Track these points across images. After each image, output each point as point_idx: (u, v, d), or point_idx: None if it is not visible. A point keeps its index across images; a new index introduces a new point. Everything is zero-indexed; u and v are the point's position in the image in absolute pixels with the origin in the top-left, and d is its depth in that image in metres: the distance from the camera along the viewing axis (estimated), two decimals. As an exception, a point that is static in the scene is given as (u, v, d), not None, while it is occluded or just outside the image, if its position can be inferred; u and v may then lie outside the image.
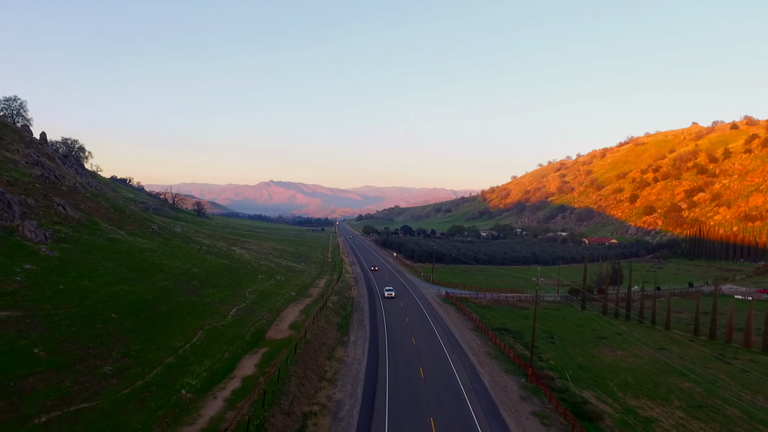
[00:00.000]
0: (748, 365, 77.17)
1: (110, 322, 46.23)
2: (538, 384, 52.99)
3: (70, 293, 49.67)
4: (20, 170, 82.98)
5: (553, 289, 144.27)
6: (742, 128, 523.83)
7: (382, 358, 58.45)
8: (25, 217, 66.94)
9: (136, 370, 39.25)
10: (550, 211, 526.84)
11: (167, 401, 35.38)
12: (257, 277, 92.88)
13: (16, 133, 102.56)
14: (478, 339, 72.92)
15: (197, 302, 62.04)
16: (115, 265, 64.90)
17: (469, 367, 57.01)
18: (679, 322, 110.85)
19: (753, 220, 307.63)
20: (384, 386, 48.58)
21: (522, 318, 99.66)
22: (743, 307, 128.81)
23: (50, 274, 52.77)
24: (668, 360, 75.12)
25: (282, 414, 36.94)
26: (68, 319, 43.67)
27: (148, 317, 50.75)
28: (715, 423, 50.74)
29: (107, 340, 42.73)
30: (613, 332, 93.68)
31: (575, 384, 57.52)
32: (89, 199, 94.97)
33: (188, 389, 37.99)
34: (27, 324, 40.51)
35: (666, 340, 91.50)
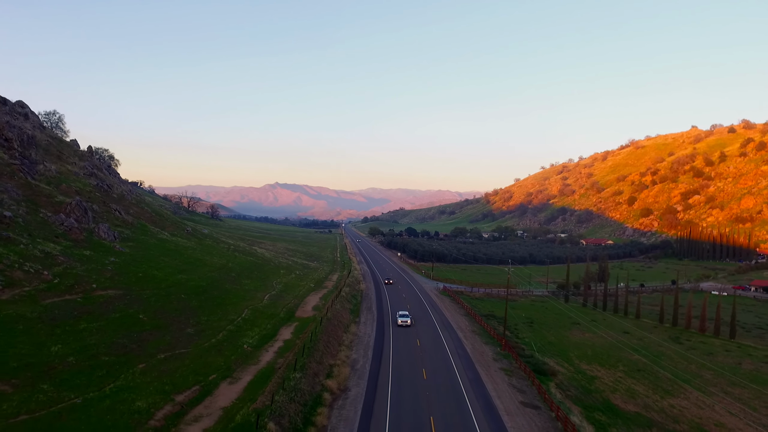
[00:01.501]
0: (697, 345, 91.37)
1: (182, 301, 61.24)
2: (510, 351, 67.50)
3: (148, 279, 64.74)
4: (82, 181, 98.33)
5: (543, 285, 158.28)
6: (740, 132, 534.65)
7: (387, 334, 73.10)
8: (95, 221, 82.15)
9: (208, 332, 54.14)
10: (551, 213, 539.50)
11: (235, 351, 50.23)
12: (279, 271, 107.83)
13: (70, 148, 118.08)
14: (467, 321, 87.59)
15: (238, 289, 77.03)
16: (170, 259, 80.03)
17: (456, 339, 71.68)
18: (651, 312, 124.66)
19: (744, 222, 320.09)
20: (389, 351, 63.21)
21: (510, 308, 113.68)
22: (715, 301, 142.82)
23: (129, 266, 67.86)
24: (627, 341, 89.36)
25: (315, 362, 51.63)
26: (153, 297, 58.68)
27: (207, 298, 65.77)
28: (646, 380, 65.14)
29: (183, 312, 57.70)
30: (588, 320, 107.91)
31: (541, 354, 71.97)
32: (134, 204, 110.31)
33: (248, 345, 52.85)
34: (128, 299, 55.52)
35: (633, 327, 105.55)
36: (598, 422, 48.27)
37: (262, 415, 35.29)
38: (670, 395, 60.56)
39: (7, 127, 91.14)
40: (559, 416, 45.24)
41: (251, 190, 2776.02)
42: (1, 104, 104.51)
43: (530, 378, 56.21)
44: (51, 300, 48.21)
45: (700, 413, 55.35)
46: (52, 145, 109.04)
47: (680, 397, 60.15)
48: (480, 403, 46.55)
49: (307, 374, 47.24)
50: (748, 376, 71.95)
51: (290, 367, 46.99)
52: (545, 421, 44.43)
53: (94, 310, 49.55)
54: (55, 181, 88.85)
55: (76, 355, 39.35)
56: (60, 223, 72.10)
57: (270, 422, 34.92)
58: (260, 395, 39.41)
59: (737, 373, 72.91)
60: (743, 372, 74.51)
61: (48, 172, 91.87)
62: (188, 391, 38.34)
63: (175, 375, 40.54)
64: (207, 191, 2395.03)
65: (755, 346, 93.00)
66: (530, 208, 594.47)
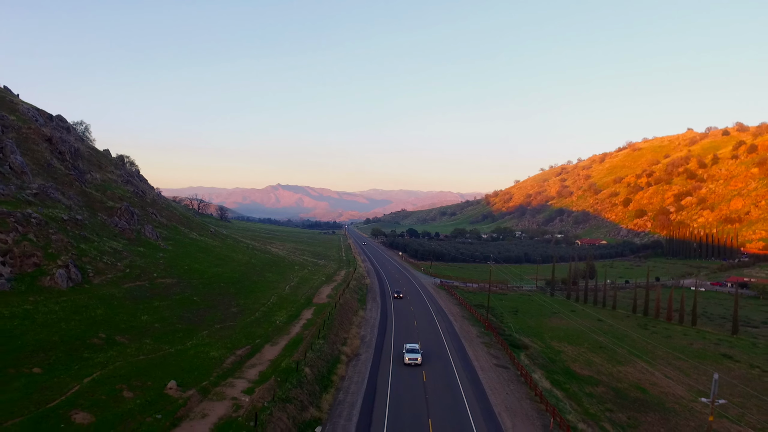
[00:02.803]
0: (660, 330, 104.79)
1: (222, 288, 75.01)
2: (491, 331, 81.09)
3: (192, 271, 78.52)
4: (121, 188, 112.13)
5: (533, 282, 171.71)
6: (733, 134, 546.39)
7: (389, 317, 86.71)
8: (140, 223, 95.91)
9: (247, 312, 67.84)
10: (550, 214, 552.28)
11: (271, 325, 63.88)
12: (294, 267, 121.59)
13: (105, 157, 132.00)
14: (459, 309, 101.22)
15: (263, 281, 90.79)
16: (204, 256, 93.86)
17: (448, 322, 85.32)
18: (629, 305, 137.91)
19: (732, 223, 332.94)
20: (391, 329, 76.83)
21: (498, 300, 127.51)
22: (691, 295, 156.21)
23: (175, 260, 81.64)
24: (599, 327, 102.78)
25: (333, 335, 65.27)
26: (200, 285, 72.45)
27: (240, 287, 79.52)
28: (604, 355, 78.68)
29: (225, 296, 71.46)
30: (568, 310, 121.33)
31: (519, 334, 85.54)
32: (165, 208, 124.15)
33: (279, 321, 66.53)
34: (182, 286, 69.29)
35: (608, 316, 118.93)
36: (555, 381, 61.81)
37: (300, 364, 48.96)
38: (620, 365, 74.08)
39: (60, 141, 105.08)
40: (522, 374, 58.80)
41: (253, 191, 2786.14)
42: (48, 119, 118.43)
43: (505, 349, 69.80)
44: (128, 285, 61.97)
45: (640, 377, 68.85)
46: (92, 155, 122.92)
47: (628, 366, 73.63)
48: (461, 364, 60.17)
49: (328, 342, 60.96)
50: (694, 353, 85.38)
51: (315, 336, 60.65)
52: (511, 376, 58.02)
53: (160, 293, 63.30)
54: (101, 189, 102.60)
55: (159, 323, 53.09)
56: (115, 225, 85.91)
57: (306, 368, 48.65)
58: (295, 353, 53.01)
59: (685, 351, 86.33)
60: (691, 350, 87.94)
61: (94, 180, 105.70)
62: (243, 348, 51.99)
63: (231, 338, 54.23)
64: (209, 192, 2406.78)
65: (711, 332, 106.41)
66: (529, 210, 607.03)
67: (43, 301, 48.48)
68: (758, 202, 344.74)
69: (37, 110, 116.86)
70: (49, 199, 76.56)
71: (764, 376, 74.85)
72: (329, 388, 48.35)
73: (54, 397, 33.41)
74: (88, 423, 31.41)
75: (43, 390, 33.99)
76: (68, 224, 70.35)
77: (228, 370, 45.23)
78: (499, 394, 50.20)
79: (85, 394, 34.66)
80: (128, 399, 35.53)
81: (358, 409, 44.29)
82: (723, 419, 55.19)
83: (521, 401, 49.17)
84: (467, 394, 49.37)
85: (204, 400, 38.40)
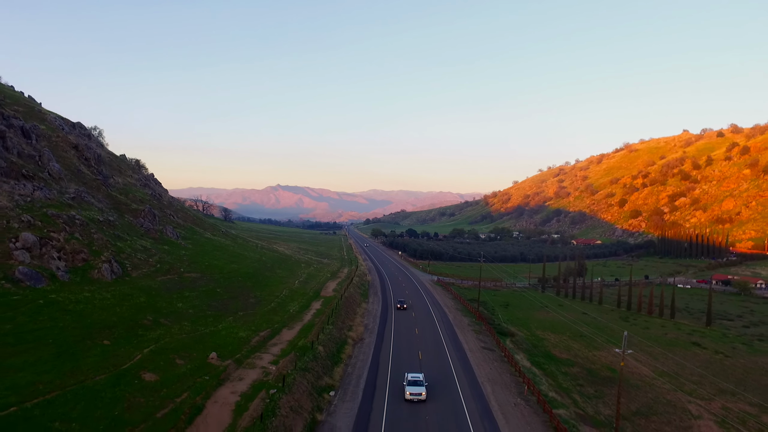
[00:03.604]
0: (640, 322, 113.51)
1: (240, 282, 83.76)
2: (481, 320, 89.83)
3: (212, 267, 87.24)
4: (141, 191, 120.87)
5: (526, 279, 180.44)
6: (728, 136, 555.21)
7: (390, 309, 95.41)
8: (161, 223, 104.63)
9: (264, 302, 76.55)
10: (547, 214, 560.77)
11: (286, 313, 72.60)
12: (301, 265, 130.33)
13: (124, 162, 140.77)
14: (453, 302, 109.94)
15: (275, 276, 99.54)
16: (221, 254, 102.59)
17: (443, 313, 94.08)
18: (614, 300, 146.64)
19: (724, 223, 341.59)
20: (391, 319, 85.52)
21: (492, 295, 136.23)
22: (678, 292, 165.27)
23: (196, 257, 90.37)
24: (582, 319, 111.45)
25: (340, 322, 73.96)
26: (221, 279, 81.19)
27: (256, 281, 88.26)
28: (583, 342, 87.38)
29: (243, 289, 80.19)
30: (556, 305, 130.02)
31: (508, 325, 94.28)
32: (180, 210, 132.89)
33: (293, 310, 75.27)
34: (205, 279, 78.03)
35: (593, 310, 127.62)
36: (536, 362, 70.55)
37: (314, 344, 57.69)
38: (596, 350, 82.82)
39: (85, 148, 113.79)
40: (506, 355, 67.52)
41: (253, 192, 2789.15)
42: (72, 128, 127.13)
43: (492, 335, 78.55)
44: (161, 278, 70.70)
45: (612, 359, 77.56)
46: (112, 160, 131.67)
47: (603, 351, 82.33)
48: (453, 346, 68.93)
49: (336, 328, 69.75)
50: (666, 342, 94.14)
51: (325, 323, 69.42)
52: (496, 357, 66.77)
53: (188, 285, 72.03)
54: (123, 192, 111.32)
55: (192, 309, 61.84)
56: (140, 226, 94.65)
57: (319, 347, 57.42)
58: (309, 335, 61.74)
59: (658, 340, 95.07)
60: (664, 339, 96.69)
61: (117, 184, 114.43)
62: (264, 331, 60.71)
63: (253, 323, 62.97)
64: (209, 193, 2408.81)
65: (687, 324, 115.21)
66: (527, 210, 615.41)
67: (97, 290, 57.18)
68: (749, 202, 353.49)
69: (62, 118, 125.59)
70: (84, 202, 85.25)
71: (725, 360, 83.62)
72: (339, 364, 57.07)
73: (124, 362, 42.15)
74: (155, 380, 40.17)
75: (114, 357, 42.72)
76: (103, 225, 79.06)
77: (254, 347, 53.98)
78: (484, 369, 58.97)
79: (147, 360, 43.41)
80: (180, 365, 44.30)
81: (364, 379, 53.01)
82: (678, 392, 63.92)
83: (502, 374, 57.93)
84: (456, 368, 58.13)
85: (239, 368, 47.17)
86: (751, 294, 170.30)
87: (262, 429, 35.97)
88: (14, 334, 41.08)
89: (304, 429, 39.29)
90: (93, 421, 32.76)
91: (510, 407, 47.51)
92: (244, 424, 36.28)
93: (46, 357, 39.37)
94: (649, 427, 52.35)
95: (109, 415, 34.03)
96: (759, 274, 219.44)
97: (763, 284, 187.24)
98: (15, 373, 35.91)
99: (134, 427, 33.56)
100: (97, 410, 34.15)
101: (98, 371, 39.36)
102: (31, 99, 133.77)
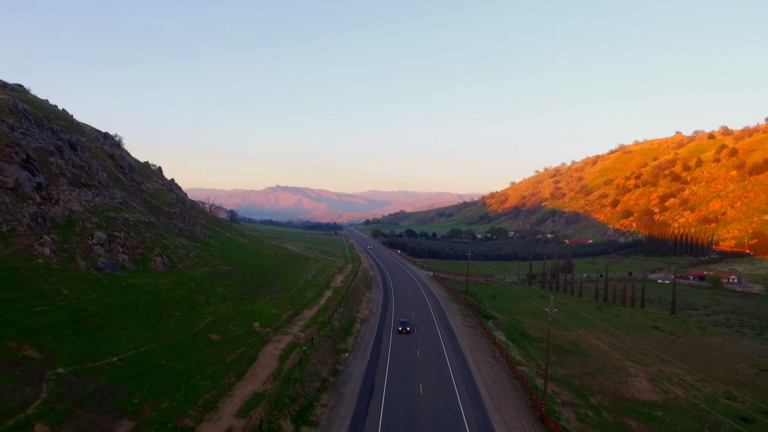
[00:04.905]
0: (612, 311, 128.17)
1: (263, 273, 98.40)
2: (469, 307, 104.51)
3: (238, 261, 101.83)
4: (167, 195, 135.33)
5: (515, 275, 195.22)
6: (718, 138, 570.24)
7: (391, 299, 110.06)
8: (190, 224, 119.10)
9: (285, 290, 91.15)
10: (543, 215, 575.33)
11: (304, 299, 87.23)
12: (310, 261, 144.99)
13: (149, 169, 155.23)
14: (446, 293, 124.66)
15: (290, 270, 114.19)
16: (242, 251, 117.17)
17: (436, 301, 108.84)
18: (594, 293, 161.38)
19: (710, 223, 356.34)
20: (392, 305, 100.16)
21: (482, 289, 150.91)
22: (656, 286, 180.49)
23: (223, 253, 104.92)
24: (561, 307, 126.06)
25: (349, 306, 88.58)
26: (248, 271, 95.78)
27: (276, 273, 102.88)
28: (556, 325, 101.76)
29: (267, 279, 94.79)
30: (539, 296, 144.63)
31: (492, 311, 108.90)
32: (200, 212, 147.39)
33: (309, 296, 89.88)
34: (235, 271, 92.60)
35: (573, 301, 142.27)
36: (512, 338, 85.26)
37: (330, 320, 72.31)
38: (566, 330, 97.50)
39: (120, 157, 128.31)
40: (486, 332, 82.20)
41: (252, 193, 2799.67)
42: (104, 138, 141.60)
43: (477, 318, 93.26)
44: (201, 269, 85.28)
45: (577, 338, 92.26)
46: (140, 167, 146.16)
47: (572, 332, 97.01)
48: (443, 325, 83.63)
49: (347, 310, 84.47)
50: (630, 326, 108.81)
51: (337, 306, 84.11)
52: (478, 333, 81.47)
53: (223, 275, 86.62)
54: (154, 196, 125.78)
55: (231, 293, 76.47)
56: (174, 226, 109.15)
57: (335, 321, 72.08)
58: (326, 314, 76.34)
59: (623, 325, 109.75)
60: (629, 324, 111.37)
61: (148, 190, 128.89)
62: (290, 310, 75.32)
63: (280, 304, 77.58)
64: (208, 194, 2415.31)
65: (654, 312, 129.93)
66: (523, 210, 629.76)
67: (158, 277, 71.75)
68: (734, 203, 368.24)
69: (96, 130, 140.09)
70: (129, 206, 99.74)
71: (676, 340, 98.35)
72: (350, 335, 71.77)
73: (194, 327, 56.75)
74: (218, 339, 54.80)
75: (186, 323, 57.30)
76: (148, 226, 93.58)
77: (285, 321, 68.65)
78: (466, 340, 73.67)
79: (210, 326, 58.03)
80: (234, 330, 58.94)
81: (370, 346, 67.66)
82: (626, 361, 78.54)
83: (480, 344, 72.64)
84: (444, 339, 72.83)
85: (276, 334, 61.82)
86: (723, 288, 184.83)
87: (300, 371, 50.63)
88: (115, 306, 55.60)
89: (328, 374, 53.96)
90: (184, 361, 47.39)
91: (483, 364, 62.17)
92: (287, 367, 50.93)
93: (141, 322, 53.91)
94: (593, 382, 67.02)
95: (194, 358, 48.68)
96: (736, 270, 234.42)
97: (735, 279, 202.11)
98: (124, 331, 50.44)
99: (212, 366, 48.22)
100: (186, 355, 48.79)
101: (178, 332, 53.96)
102: (66, 112, 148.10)
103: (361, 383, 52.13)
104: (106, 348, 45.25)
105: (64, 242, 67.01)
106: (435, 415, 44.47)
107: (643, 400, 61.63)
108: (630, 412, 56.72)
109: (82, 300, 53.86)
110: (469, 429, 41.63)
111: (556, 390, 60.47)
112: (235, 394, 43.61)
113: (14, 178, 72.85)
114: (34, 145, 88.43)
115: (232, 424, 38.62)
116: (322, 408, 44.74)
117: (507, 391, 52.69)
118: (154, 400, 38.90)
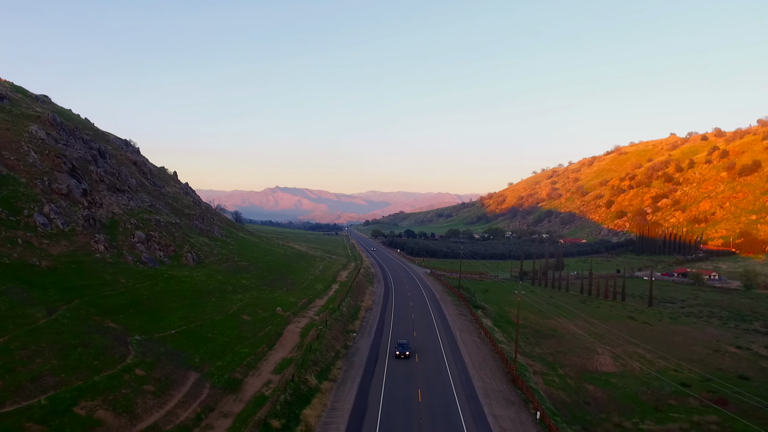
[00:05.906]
0: (594, 304, 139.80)
1: (277, 269, 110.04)
2: (462, 299, 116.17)
3: (254, 258, 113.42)
4: (185, 198, 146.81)
5: (508, 273, 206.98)
6: (711, 139, 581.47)
7: (391, 292, 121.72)
8: (207, 224, 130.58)
9: (297, 284, 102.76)
10: (539, 215, 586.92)
11: (315, 290, 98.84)
12: (316, 259, 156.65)
13: (166, 173, 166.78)
14: (441, 288, 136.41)
15: (299, 266, 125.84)
16: (256, 249, 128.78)
17: (432, 294, 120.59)
18: (579, 288, 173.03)
19: (700, 223, 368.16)
20: (392, 298, 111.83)
21: (476, 284, 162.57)
22: (641, 283, 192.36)
23: (240, 250, 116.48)
24: (547, 300, 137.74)
25: (354, 297, 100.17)
26: (264, 266, 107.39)
27: (288, 269, 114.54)
28: (540, 314, 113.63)
29: (281, 274, 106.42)
30: (528, 291, 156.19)
31: (482, 303, 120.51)
32: (215, 214, 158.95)
33: (319, 288, 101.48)
34: (253, 267, 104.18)
35: (560, 295, 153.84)
36: (498, 324, 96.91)
37: (339, 306, 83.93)
38: (547, 319, 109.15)
39: (142, 164, 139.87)
40: (475, 318, 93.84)
41: (252, 194, 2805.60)
42: (126, 145, 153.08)
43: (468, 307, 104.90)
44: (224, 265, 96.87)
45: (557, 325, 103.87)
46: (159, 172, 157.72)
47: (552, 320, 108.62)
48: (437, 312, 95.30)
49: (353, 299, 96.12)
50: (607, 316, 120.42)
51: (344, 296, 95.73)
52: (468, 319, 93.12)
53: (243, 270, 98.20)
54: (174, 200, 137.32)
55: (253, 285, 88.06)
56: (195, 227, 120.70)
57: (343, 308, 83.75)
58: (335, 303, 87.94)
59: (602, 315, 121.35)
60: (607, 314, 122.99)
61: (168, 193, 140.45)
62: (304, 299, 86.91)
63: (296, 294, 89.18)
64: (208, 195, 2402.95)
65: (633, 305, 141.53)
66: (521, 211, 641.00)
67: (191, 271, 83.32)
68: (723, 203, 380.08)
69: (118, 138, 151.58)
70: (156, 209, 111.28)
71: (647, 328, 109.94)
72: (357, 320, 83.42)
73: (228, 310, 68.31)
74: (249, 320, 66.39)
75: (221, 307, 68.86)
76: (175, 226, 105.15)
77: (301, 307, 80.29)
78: (456, 324, 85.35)
79: (241, 310, 69.61)
80: (261, 313, 70.54)
81: (374, 329, 79.25)
82: (596, 343, 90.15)
83: (469, 327, 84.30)
84: (437, 323, 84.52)
85: (296, 317, 73.43)
86: (703, 284, 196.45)
87: (319, 344, 62.23)
88: (164, 292, 67.16)
89: (341, 347, 65.59)
90: (225, 335, 58.96)
91: (470, 342, 73.82)
92: (308, 341, 62.53)
93: (185, 305, 65.46)
94: (564, 358, 78.68)
95: (232, 333, 60.27)
96: (719, 267, 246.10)
97: (716, 276, 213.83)
98: (174, 312, 61.95)
99: (248, 339, 59.81)
100: (226, 330, 60.38)
101: (216, 314, 65.53)
102: (88, 120, 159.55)
103: (367, 354, 63.77)
104: (164, 324, 56.80)
105: (112, 240, 78.59)
106: (427, 374, 56.12)
107: (604, 371, 73.25)
108: (590, 380, 68.38)
109: (137, 287, 65.46)
110: (453, 383, 53.28)
111: (530, 363, 72.12)
112: (269, 359, 55.21)
113: (66, 185, 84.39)
114: (75, 155, 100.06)
115: (270, 378, 50.20)
116: (338, 370, 56.40)
117: (487, 360, 64.33)
118: (209, 360, 50.49)
